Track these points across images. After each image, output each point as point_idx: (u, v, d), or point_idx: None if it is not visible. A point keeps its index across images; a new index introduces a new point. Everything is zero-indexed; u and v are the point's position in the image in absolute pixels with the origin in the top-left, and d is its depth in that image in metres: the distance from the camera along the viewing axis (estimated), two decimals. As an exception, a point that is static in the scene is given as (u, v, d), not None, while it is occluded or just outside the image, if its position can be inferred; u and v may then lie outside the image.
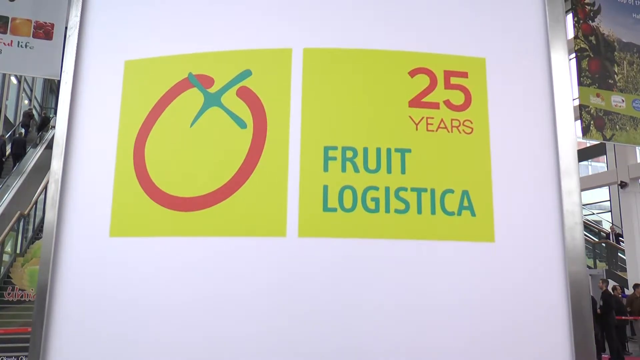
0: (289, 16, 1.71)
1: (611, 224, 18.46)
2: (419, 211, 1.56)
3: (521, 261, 1.56)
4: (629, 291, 12.58)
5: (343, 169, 1.59)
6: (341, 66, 1.66)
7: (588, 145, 17.94)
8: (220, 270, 1.56)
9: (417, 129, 1.62)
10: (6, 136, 16.68)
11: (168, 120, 1.68)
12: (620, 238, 16.63)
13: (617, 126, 6.67)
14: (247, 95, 1.66)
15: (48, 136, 17.03)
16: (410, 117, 1.63)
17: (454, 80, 1.66)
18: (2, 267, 10.34)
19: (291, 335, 1.50)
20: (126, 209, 1.64)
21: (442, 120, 1.63)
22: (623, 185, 14.81)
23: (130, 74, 1.74)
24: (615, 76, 6.79)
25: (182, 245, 1.59)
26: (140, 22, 1.78)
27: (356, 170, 1.59)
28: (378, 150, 1.60)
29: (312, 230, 1.55)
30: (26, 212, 11.51)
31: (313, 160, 1.59)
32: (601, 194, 19.66)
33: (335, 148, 1.60)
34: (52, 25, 6.12)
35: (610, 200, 19.47)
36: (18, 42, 6.00)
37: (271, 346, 1.50)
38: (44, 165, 14.22)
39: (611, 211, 19.46)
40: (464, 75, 1.66)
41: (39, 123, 19.43)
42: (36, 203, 11.97)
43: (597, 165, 21.96)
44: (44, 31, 6.08)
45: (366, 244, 1.55)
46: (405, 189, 1.58)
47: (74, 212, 1.67)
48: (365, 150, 1.60)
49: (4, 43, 5.95)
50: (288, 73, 1.65)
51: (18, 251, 11.03)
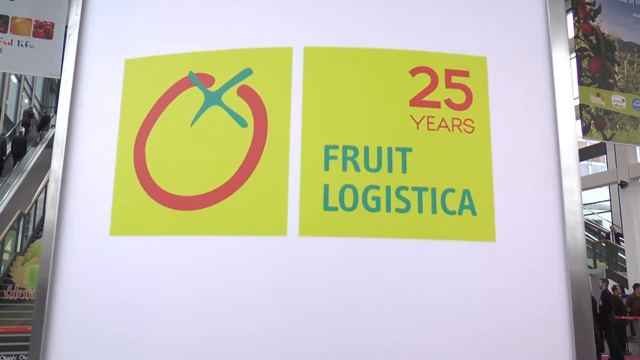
0: (289, 16, 1.71)
1: (611, 224, 18.45)
2: (420, 210, 1.56)
3: (522, 260, 1.56)
4: (629, 291, 12.58)
5: (344, 168, 1.58)
6: (342, 65, 1.66)
7: (588, 144, 17.94)
8: (220, 269, 1.55)
9: (418, 128, 1.62)
10: (6, 135, 16.68)
11: (168, 119, 1.67)
12: (620, 238, 16.62)
13: (618, 126, 6.66)
14: (248, 94, 1.65)
15: (48, 135, 17.01)
16: (411, 116, 1.62)
17: (455, 79, 1.65)
18: (3, 266, 10.34)
19: (291, 335, 1.50)
20: (126, 208, 1.64)
21: (443, 119, 1.63)
22: (623, 185, 14.80)
23: (130, 73, 1.74)
24: (615, 76, 6.78)
25: (183, 244, 1.58)
26: (140, 21, 1.78)
27: (357, 169, 1.58)
28: (379, 149, 1.59)
29: (313, 229, 1.55)
30: (26, 211, 11.52)
31: (314, 159, 1.59)
32: (601, 194, 19.65)
33: (336, 147, 1.60)
34: (52, 24, 6.11)
35: (610, 200, 19.46)
36: (18, 41, 5.99)
37: (271, 346, 1.50)
38: (44, 164, 14.21)
39: (611, 211, 19.45)
40: (465, 74, 1.66)
41: (39, 122, 19.42)
42: (36, 202, 11.97)
43: (597, 165, 21.96)
44: (44, 30, 6.07)
45: (367, 243, 1.54)
46: (406, 188, 1.57)
47: (74, 211, 1.66)
48: (366, 149, 1.59)
49: (4, 42, 5.94)
50: (289, 72, 1.65)
51: (18, 250, 11.03)
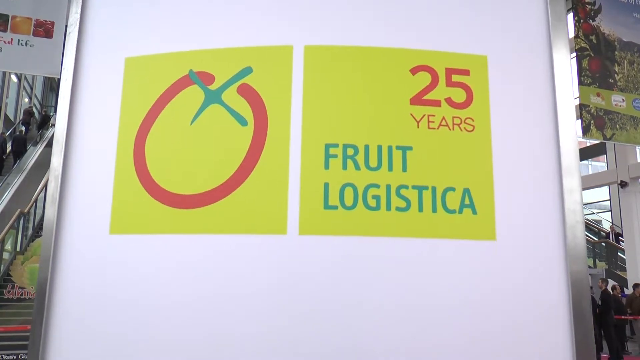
0: (290, 16, 1.70)
1: (611, 224, 18.45)
2: (420, 209, 1.56)
3: (522, 259, 1.55)
4: (629, 291, 12.58)
5: (344, 167, 1.58)
6: (342, 63, 1.65)
7: (588, 144, 17.94)
8: (220, 268, 1.55)
9: (419, 127, 1.61)
10: (6, 134, 16.67)
11: (168, 117, 1.67)
12: (620, 237, 16.62)
13: (618, 125, 6.66)
14: (248, 92, 1.65)
15: (48, 134, 17.00)
16: (411, 115, 1.62)
17: (456, 77, 1.65)
18: (2, 265, 10.34)
19: (291, 334, 1.50)
20: (126, 206, 1.63)
21: (444, 117, 1.62)
22: (623, 184, 14.80)
23: (130, 71, 1.73)
24: (615, 75, 6.77)
25: (183, 242, 1.58)
26: (140, 19, 1.78)
27: (357, 167, 1.58)
28: (379, 147, 1.59)
29: (313, 228, 1.55)
30: (26, 210, 11.51)
31: (314, 157, 1.58)
32: (601, 194, 19.65)
33: (336, 145, 1.59)
34: (53, 23, 6.10)
35: (610, 199, 19.45)
36: (18, 40, 5.98)
37: (271, 345, 1.49)
38: (44, 163, 14.20)
39: (611, 211, 19.44)
40: (466, 72, 1.66)
41: (39, 121, 19.41)
42: (36, 201, 11.96)
43: (597, 164, 21.95)
44: (44, 29, 6.06)
45: (367, 242, 1.54)
46: (406, 187, 1.57)
47: (74, 209, 1.66)
48: (366, 147, 1.59)
49: (4, 41, 5.93)
50: (289, 70, 1.65)
51: (18, 249, 11.02)
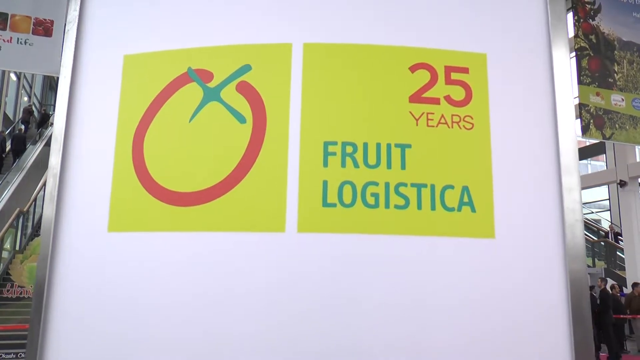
0: (289, 16, 1.70)
1: (610, 223, 18.46)
2: (419, 207, 1.56)
3: (521, 257, 1.55)
4: (628, 290, 12.59)
5: (343, 164, 1.58)
6: (341, 61, 1.65)
7: (587, 144, 17.94)
8: (218, 265, 1.55)
9: (418, 125, 1.61)
10: (6, 132, 16.65)
11: (167, 114, 1.67)
12: (619, 237, 16.63)
13: (617, 125, 6.66)
14: (247, 90, 1.65)
15: (47, 133, 16.98)
16: (410, 113, 1.62)
17: (455, 75, 1.65)
18: (2, 264, 10.34)
19: (290, 332, 1.49)
20: (125, 204, 1.63)
21: (443, 115, 1.62)
22: (622, 184, 14.79)
23: (129, 69, 1.73)
24: (615, 75, 6.77)
25: (181, 240, 1.58)
26: (139, 17, 1.77)
27: (356, 165, 1.58)
28: (378, 145, 1.59)
29: (312, 225, 1.54)
30: (25, 209, 11.50)
31: (313, 155, 1.58)
32: (600, 193, 19.65)
33: (335, 143, 1.59)
34: (52, 22, 6.09)
35: (609, 199, 19.46)
36: (17, 39, 5.97)
37: (270, 344, 1.49)
38: (44, 162, 14.18)
39: (610, 210, 19.46)
40: (465, 70, 1.65)
41: (39, 120, 19.40)
42: (35, 200, 11.95)
43: (597, 164, 21.96)
44: (44, 28, 6.05)
45: (366, 240, 1.54)
46: (405, 185, 1.57)
47: (73, 207, 1.66)
48: (365, 145, 1.59)
49: (4, 40, 5.92)
50: (288, 68, 1.65)
51: (17, 248, 11.02)
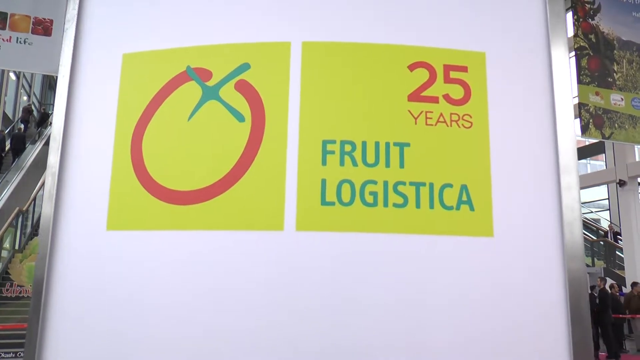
0: (289, 16, 1.70)
1: (609, 222, 18.47)
2: (418, 205, 1.56)
3: (520, 255, 1.55)
4: (627, 289, 12.59)
5: (341, 163, 1.58)
6: (340, 60, 1.65)
7: (587, 143, 17.95)
8: (217, 264, 1.55)
9: (416, 123, 1.61)
10: (5, 132, 16.64)
11: (166, 113, 1.67)
12: (618, 236, 16.64)
13: (616, 124, 6.66)
14: (246, 88, 1.65)
15: (47, 132, 16.97)
16: (409, 111, 1.62)
17: (454, 74, 1.65)
18: (1, 263, 10.34)
19: (289, 330, 1.50)
20: (123, 203, 1.63)
21: (441, 114, 1.62)
22: (622, 183, 14.80)
23: (128, 67, 1.73)
24: (614, 74, 6.77)
25: (180, 239, 1.58)
26: (138, 15, 1.77)
27: (354, 164, 1.58)
28: (377, 144, 1.59)
29: (310, 224, 1.54)
30: (25, 208, 11.50)
31: (311, 153, 1.58)
32: (600, 193, 19.66)
33: (333, 142, 1.59)
34: (51, 21, 6.08)
35: (608, 198, 19.47)
36: (17, 38, 5.96)
37: (269, 342, 1.49)
38: (43, 161, 14.14)
39: (609, 209, 19.47)
40: (464, 69, 1.65)
41: (38, 119, 19.38)
42: (35, 199, 11.95)
43: (596, 163, 21.95)
44: (43, 27, 6.05)
45: (364, 238, 1.54)
46: (403, 183, 1.57)
47: (71, 206, 1.66)
48: (363, 144, 1.59)
49: (3, 39, 5.91)
50: (287, 66, 1.65)
51: (16, 247, 11.02)
